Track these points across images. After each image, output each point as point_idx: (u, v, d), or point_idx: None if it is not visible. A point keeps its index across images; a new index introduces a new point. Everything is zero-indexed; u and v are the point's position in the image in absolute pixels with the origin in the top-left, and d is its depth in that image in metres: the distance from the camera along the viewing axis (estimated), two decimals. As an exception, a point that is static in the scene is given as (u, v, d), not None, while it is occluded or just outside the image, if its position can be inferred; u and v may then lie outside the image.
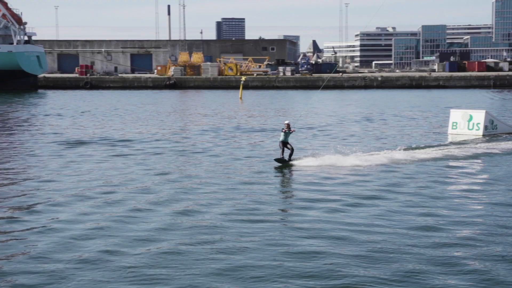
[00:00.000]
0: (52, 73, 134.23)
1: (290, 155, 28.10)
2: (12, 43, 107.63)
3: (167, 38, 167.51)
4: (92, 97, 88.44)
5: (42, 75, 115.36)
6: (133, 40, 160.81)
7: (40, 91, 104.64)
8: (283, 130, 27.97)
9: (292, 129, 28.23)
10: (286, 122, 28.13)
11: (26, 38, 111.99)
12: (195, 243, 16.67)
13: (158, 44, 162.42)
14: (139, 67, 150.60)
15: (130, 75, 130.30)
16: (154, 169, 28.29)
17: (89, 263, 15.28)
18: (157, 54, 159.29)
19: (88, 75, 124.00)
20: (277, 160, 28.16)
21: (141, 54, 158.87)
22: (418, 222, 18.63)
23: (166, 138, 40.86)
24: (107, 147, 36.43)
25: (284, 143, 28.00)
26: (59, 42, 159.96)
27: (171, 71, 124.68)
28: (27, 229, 18.41)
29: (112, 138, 41.03)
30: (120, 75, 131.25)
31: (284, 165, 27.88)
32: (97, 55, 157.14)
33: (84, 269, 14.86)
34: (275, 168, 27.80)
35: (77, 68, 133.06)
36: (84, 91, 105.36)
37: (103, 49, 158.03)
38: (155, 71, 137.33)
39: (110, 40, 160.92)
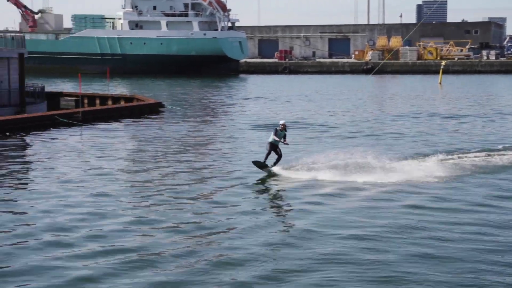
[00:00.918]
0: (252, 58, 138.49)
1: (277, 161, 23.97)
2: (216, 30, 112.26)
3: (366, 23, 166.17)
4: (290, 82, 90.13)
5: (243, 60, 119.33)
6: (331, 25, 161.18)
7: (241, 75, 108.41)
8: (278, 130, 23.73)
9: (285, 139, 23.75)
10: (282, 122, 24.16)
11: (229, 24, 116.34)
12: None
13: (356, 28, 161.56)
14: (336, 52, 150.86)
15: (328, 60, 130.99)
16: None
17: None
18: (355, 39, 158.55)
19: (287, 60, 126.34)
20: (256, 163, 24.19)
21: (339, 38, 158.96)
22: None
23: (361, 123, 40.61)
24: (308, 131, 36.92)
25: (274, 146, 23.86)
26: (260, 28, 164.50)
27: (369, 56, 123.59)
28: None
29: (315, 122, 41.51)
30: (317, 60, 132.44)
31: (265, 171, 23.99)
32: (296, 40, 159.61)
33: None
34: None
35: (276, 53, 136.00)
36: (283, 76, 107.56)
37: (302, 34, 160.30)
38: (353, 55, 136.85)
39: (309, 25, 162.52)
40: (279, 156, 23.79)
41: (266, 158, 23.81)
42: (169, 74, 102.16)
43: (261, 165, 23.92)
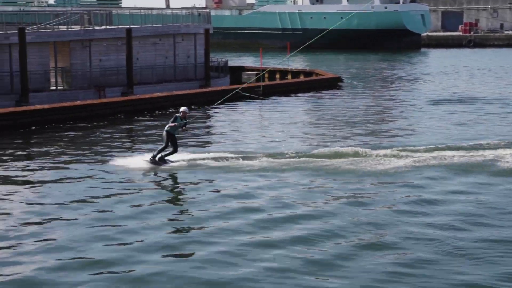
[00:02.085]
0: (435, 31, 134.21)
1: (168, 153, 21.59)
2: (398, 3, 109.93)
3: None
4: (474, 56, 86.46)
5: (425, 33, 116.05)
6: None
7: (422, 50, 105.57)
8: (178, 117, 21.55)
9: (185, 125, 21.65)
10: (183, 109, 21.85)
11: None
12: None
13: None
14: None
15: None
16: None
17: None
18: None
19: (472, 33, 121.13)
20: (153, 160, 21.60)
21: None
22: None
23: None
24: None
25: (171, 136, 21.41)
26: (444, 0, 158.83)
27: None
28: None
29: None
30: (506, 32, 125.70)
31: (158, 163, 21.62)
32: (482, 12, 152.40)
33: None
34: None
35: (461, 26, 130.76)
36: (467, 50, 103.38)
37: (489, 6, 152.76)
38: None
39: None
40: (175, 149, 21.44)
41: (161, 150, 21.44)
42: (348, 48, 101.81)
43: (154, 161, 21.46)
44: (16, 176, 21.04)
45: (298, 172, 20.92)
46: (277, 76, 52.14)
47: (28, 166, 22.40)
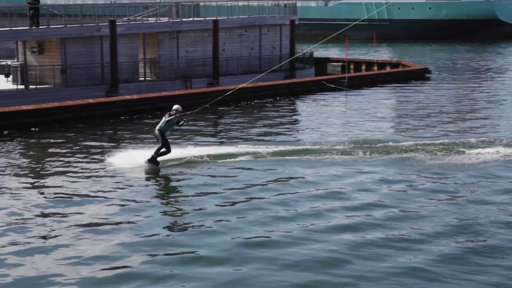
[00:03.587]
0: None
1: (161, 153, 20.54)
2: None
3: None
4: None
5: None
6: None
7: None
8: (174, 116, 20.72)
9: (181, 120, 20.81)
10: (176, 107, 20.96)
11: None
12: None
13: None
14: None
15: None
16: None
17: None
18: None
19: None
20: (152, 161, 20.61)
21: None
22: None
23: None
24: None
25: (163, 135, 20.55)
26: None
27: None
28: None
29: None
30: None
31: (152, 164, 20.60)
32: None
33: None
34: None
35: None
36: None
37: None
38: None
39: None
40: (168, 149, 20.56)
41: (160, 149, 20.45)
42: (437, 39, 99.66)
43: (155, 161, 20.57)
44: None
45: (384, 164, 20.71)
46: (363, 67, 51.57)
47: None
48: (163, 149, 20.37)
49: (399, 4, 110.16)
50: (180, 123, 20.87)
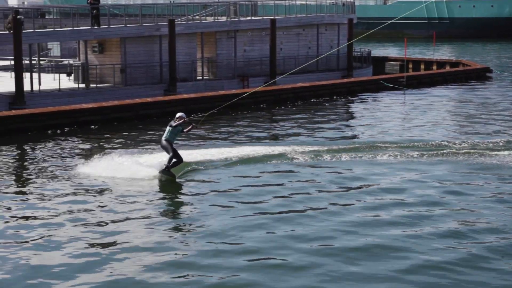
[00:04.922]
0: None
1: (170, 162, 19.55)
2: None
3: None
4: None
5: None
6: None
7: None
8: (178, 124, 19.88)
9: (187, 126, 20.13)
10: (179, 114, 20.04)
11: None
12: None
13: None
14: None
15: None
16: None
17: None
18: None
19: None
20: (166, 171, 19.60)
21: None
22: None
23: None
24: None
25: (171, 144, 19.70)
26: None
27: None
28: None
29: None
30: None
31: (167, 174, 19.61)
32: None
33: None
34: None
35: None
36: None
37: None
38: None
39: None
40: (179, 159, 19.78)
41: (172, 159, 19.55)
42: (499, 38, 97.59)
43: (169, 172, 19.61)
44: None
45: (441, 165, 20.43)
46: (422, 66, 50.89)
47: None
48: (174, 160, 19.62)
49: (460, 2, 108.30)
50: (187, 129, 20.31)
